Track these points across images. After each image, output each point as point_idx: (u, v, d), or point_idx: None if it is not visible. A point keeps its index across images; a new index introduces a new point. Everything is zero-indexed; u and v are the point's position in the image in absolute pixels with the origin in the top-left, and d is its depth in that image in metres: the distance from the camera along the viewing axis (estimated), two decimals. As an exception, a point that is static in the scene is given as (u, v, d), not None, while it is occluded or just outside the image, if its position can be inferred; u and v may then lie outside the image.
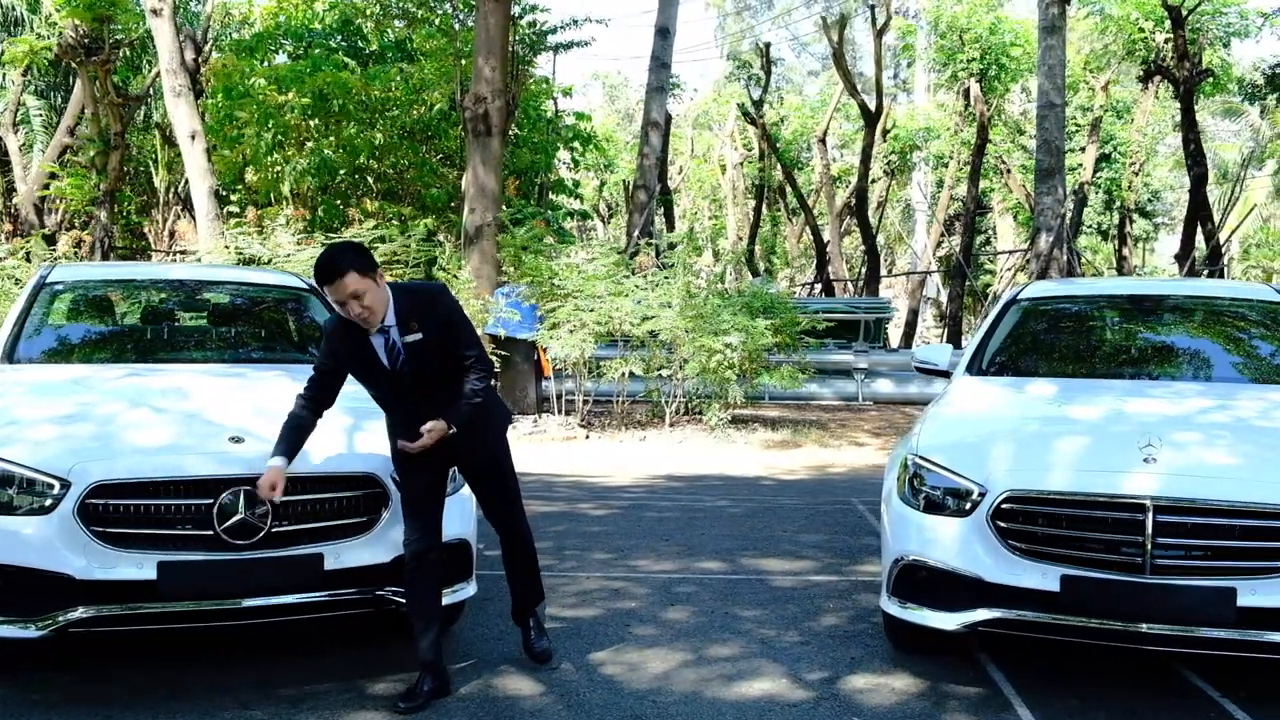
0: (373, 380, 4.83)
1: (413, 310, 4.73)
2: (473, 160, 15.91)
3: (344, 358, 4.80)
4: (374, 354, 4.72)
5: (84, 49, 21.57)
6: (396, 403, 4.85)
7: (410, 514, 4.88)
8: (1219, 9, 27.24)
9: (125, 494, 4.66)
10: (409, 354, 4.72)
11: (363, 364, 4.77)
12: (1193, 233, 24.23)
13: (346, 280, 4.56)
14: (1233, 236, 34.32)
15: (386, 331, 4.71)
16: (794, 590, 6.81)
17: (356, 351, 4.75)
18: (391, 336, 4.71)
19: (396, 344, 4.71)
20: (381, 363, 4.73)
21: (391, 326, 4.71)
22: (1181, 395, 5.76)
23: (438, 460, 4.86)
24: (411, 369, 4.74)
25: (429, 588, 4.92)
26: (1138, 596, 4.51)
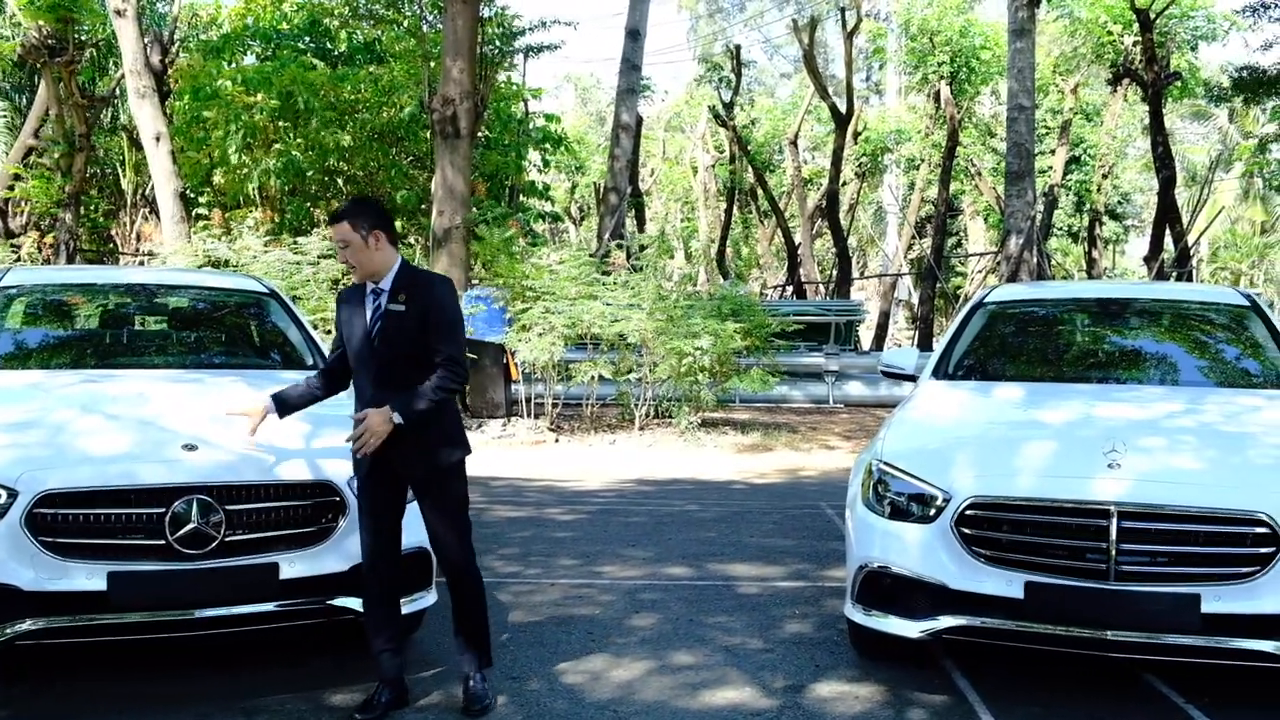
0: (351, 344, 4.77)
1: (409, 285, 4.73)
2: (441, 162, 15.81)
3: (344, 312, 4.84)
4: (362, 315, 4.74)
5: (48, 50, 21.37)
6: (362, 375, 4.75)
7: (367, 525, 4.76)
8: (1186, 12, 27.43)
9: (74, 503, 4.55)
10: (385, 320, 4.67)
11: (349, 324, 4.78)
12: (1161, 235, 24.35)
13: (339, 226, 4.70)
14: (1201, 238, 34.51)
15: (379, 295, 4.73)
16: (761, 596, 6.75)
17: (350, 310, 4.80)
18: (380, 300, 4.72)
19: (381, 307, 4.70)
20: (364, 325, 4.72)
21: (384, 292, 4.72)
22: (1147, 400, 5.74)
23: (397, 469, 4.74)
24: (381, 337, 4.67)
25: (386, 599, 4.83)
26: (1102, 603, 4.47)
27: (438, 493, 4.79)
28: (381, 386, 4.65)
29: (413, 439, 4.64)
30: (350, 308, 4.81)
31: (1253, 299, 6.84)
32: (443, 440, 4.78)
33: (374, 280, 4.73)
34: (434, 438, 4.73)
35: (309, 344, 6.78)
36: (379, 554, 4.76)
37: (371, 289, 4.74)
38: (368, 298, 4.74)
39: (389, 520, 4.79)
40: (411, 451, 4.67)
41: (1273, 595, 4.40)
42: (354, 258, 4.70)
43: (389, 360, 4.67)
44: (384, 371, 4.67)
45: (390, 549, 4.81)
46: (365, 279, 4.74)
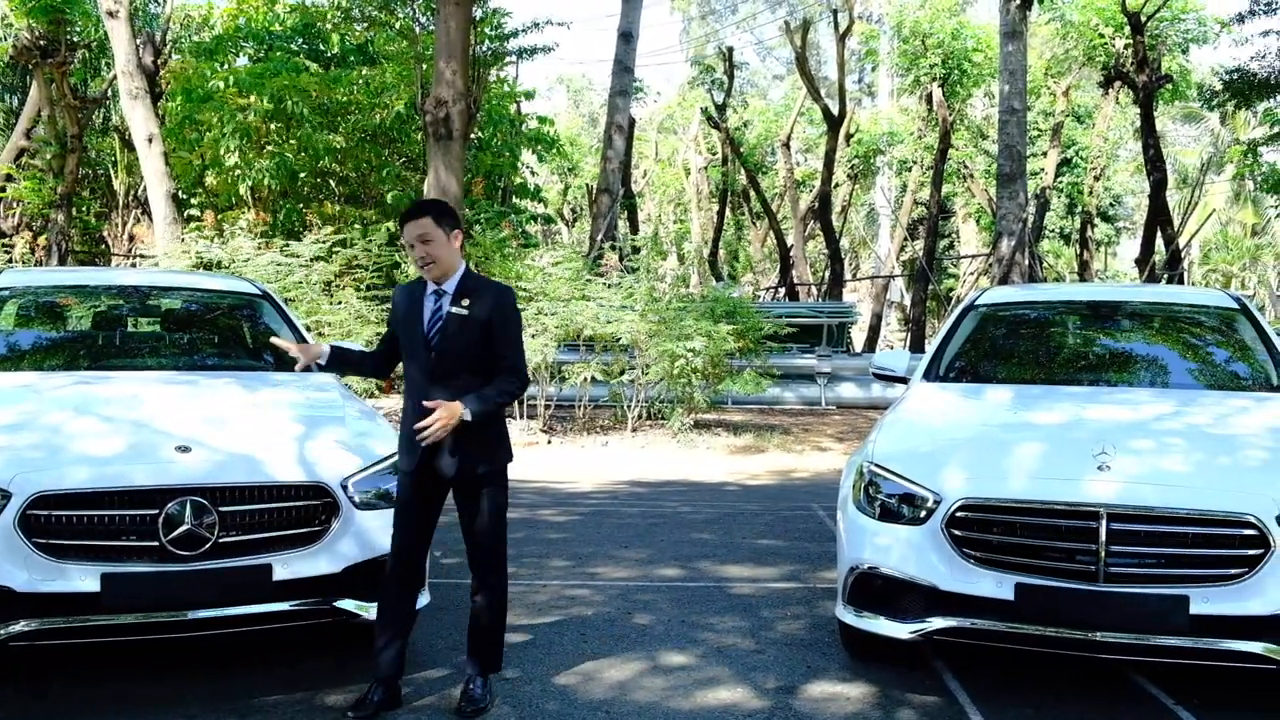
0: (408, 342, 4.80)
1: (475, 290, 4.77)
2: (434, 164, 15.81)
3: (399, 314, 4.84)
4: (420, 314, 4.76)
5: (40, 50, 21.37)
6: (415, 374, 4.77)
7: (400, 522, 4.80)
8: (1178, 16, 27.52)
9: (68, 505, 4.57)
10: (447, 322, 4.70)
11: (408, 322, 4.79)
12: (1153, 237, 24.43)
13: (421, 221, 4.69)
14: (1192, 241, 34.61)
15: (441, 296, 4.75)
16: (753, 598, 6.78)
17: (408, 308, 4.80)
18: (442, 301, 4.74)
19: (443, 309, 4.73)
20: (422, 323, 4.74)
21: (447, 294, 4.75)
22: (1137, 402, 5.77)
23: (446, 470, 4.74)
24: (442, 338, 4.71)
25: (403, 599, 4.84)
26: (1091, 605, 4.50)
27: (481, 496, 4.81)
28: (435, 383, 4.70)
29: (466, 440, 4.68)
30: (407, 303, 4.83)
31: (1242, 301, 6.87)
32: (495, 444, 4.83)
33: (439, 281, 4.75)
34: (489, 440, 4.79)
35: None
36: (406, 551, 4.80)
37: (433, 289, 4.76)
38: (428, 297, 4.77)
39: (422, 520, 4.83)
40: (465, 452, 4.71)
41: (1260, 597, 4.43)
42: (435, 253, 4.69)
43: (445, 359, 4.71)
44: (438, 369, 4.71)
45: (418, 549, 4.85)
46: (438, 278, 4.74)
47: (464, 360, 4.70)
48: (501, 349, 4.74)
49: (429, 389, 4.68)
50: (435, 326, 4.72)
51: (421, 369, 4.73)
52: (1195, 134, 48.12)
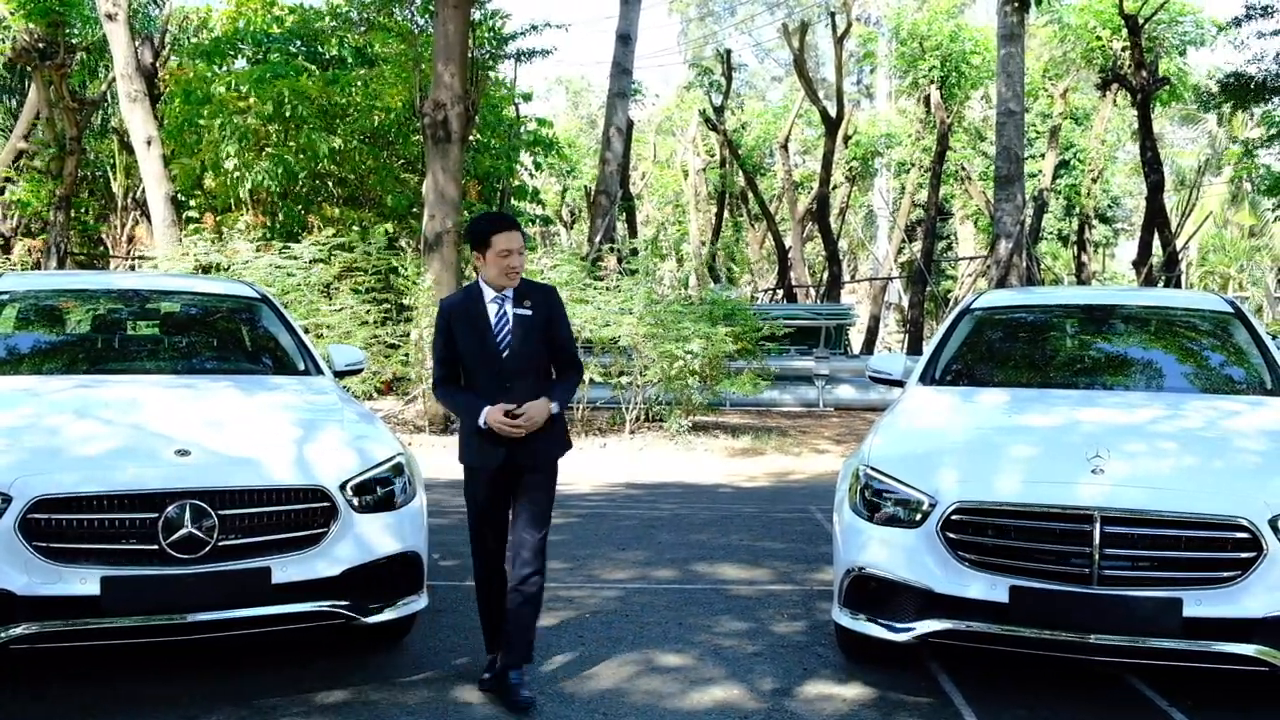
0: (474, 345, 4.98)
1: (531, 292, 5.07)
2: (432, 167, 15.83)
3: (457, 324, 5.01)
4: (486, 319, 4.98)
5: (39, 53, 21.38)
6: (487, 378, 4.96)
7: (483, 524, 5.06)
8: (1175, 18, 27.56)
9: (68, 509, 4.58)
10: (515, 323, 4.98)
11: (472, 328, 4.98)
12: (1150, 239, 24.47)
13: (517, 234, 5.00)
14: (1190, 242, 34.66)
15: (503, 301, 5.00)
16: (750, 599, 6.80)
17: (471, 317, 5.00)
18: (505, 306, 5.00)
19: (507, 313, 4.99)
20: (490, 327, 4.97)
21: (508, 297, 5.01)
22: (1131, 405, 5.80)
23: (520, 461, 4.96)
24: (512, 338, 4.96)
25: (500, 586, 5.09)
26: (1085, 608, 4.53)
27: (540, 485, 5.05)
28: (509, 383, 4.93)
29: (545, 430, 4.96)
30: (466, 312, 5.02)
31: (1236, 305, 6.90)
32: (562, 433, 5.16)
33: (501, 288, 4.99)
34: (557, 431, 5.10)
35: (300, 349, 6.82)
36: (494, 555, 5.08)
37: (494, 295, 5.00)
38: (489, 303, 5.00)
39: (503, 518, 5.09)
40: (538, 443, 4.97)
41: (1253, 599, 4.46)
42: (518, 263, 4.97)
43: (517, 360, 4.96)
44: (511, 370, 4.95)
45: (503, 545, 5.10)
46: (511, 285, 4.99)
47: (533, 359, 5.02)
48: (562, 344, 5.13)
49: (503, 389, 4.92)
50: (504, 329, 4.97)
51: (493, 371, 4.96)
52: (1193, 136, 48.21)
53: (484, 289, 5.02)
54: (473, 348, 4.99)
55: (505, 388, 4.92)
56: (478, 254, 4.97)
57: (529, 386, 4.96)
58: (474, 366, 5.01)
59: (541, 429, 4.92)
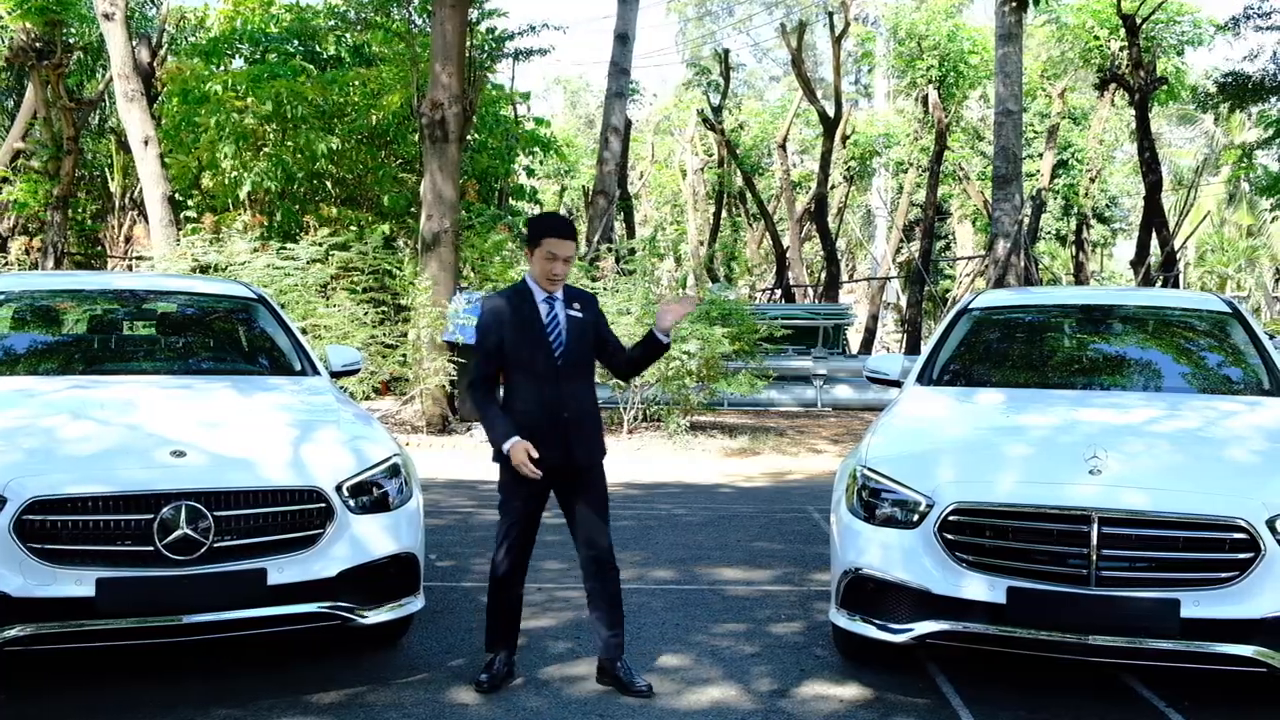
0: (526, 346, 5.01)
1: (578, 296, 5.20)
2: (430, 167, 15.82)
3: (506, 323, 5.02)
4: (538, 319, 5.04)
5: (35, 52, 21.36)
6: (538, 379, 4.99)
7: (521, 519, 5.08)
8: (1173, 18, 27.55)
9: (63, 510, 4.57)
10: (568, 325, 5.07)
11: (524, 328, 5.02)
12: (1148, 239, 24.47)
13: (573, 245, 5.09)
14: (1188, 242, 34.66)
15: (553, 303, 5.07)
16: (747, 600, 6.79)
17: (522, 317, 5.04)
18: (556, 308, 5.08)
19: (559, 315, 5.07)
20: (542, 328, 5.02)
21: (558, 299, 5.09)
22: (1129, 406, 5.79)
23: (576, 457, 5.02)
24: (567, 339, 5.04)
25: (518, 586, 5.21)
26: (1083, 608, 4.52)
27: (596, 481, 5.15)
28: (562, 382, 5.01)
29: (593, 429, 5.10)
30: (513, 313, 5.04)
31: (1234, 305, 6.89)
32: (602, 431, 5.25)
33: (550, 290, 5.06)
34: (601, 429, 5.22)
35: (297, 349, 6.80)
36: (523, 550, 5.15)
37: (544, 296, 5.06)
38: (539, 305, 5.05)
39: (538, 517, 5.16)
40: (593, 440, 5.10)
41: (1251, 600, 4.46)
42: (561, 271, 5.04)
43: (570, 359, 5.04)
44: (565, 369, 5.02)
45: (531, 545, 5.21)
46: (552, 290, 5.06)
47: (585, 358, 5.13)
48: (615, 341, 5.32)
49: (555, 390, 4.99)
50: (557, 330, 5.03)
51: (544, 371, 5.00)
52: (1190, 136, 48.20)
53: (533, 288, 5.08)
54: (524, 348, 5.01)
55: (557, 389, 4.98)
56: (528, 250, 5.07)
57: (579, 388, 5.06)
58: (523, 367, 5.02)
59: (588, 430, 5.04)
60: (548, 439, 4.93)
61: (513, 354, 5.01)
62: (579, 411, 5.03)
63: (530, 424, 4.95)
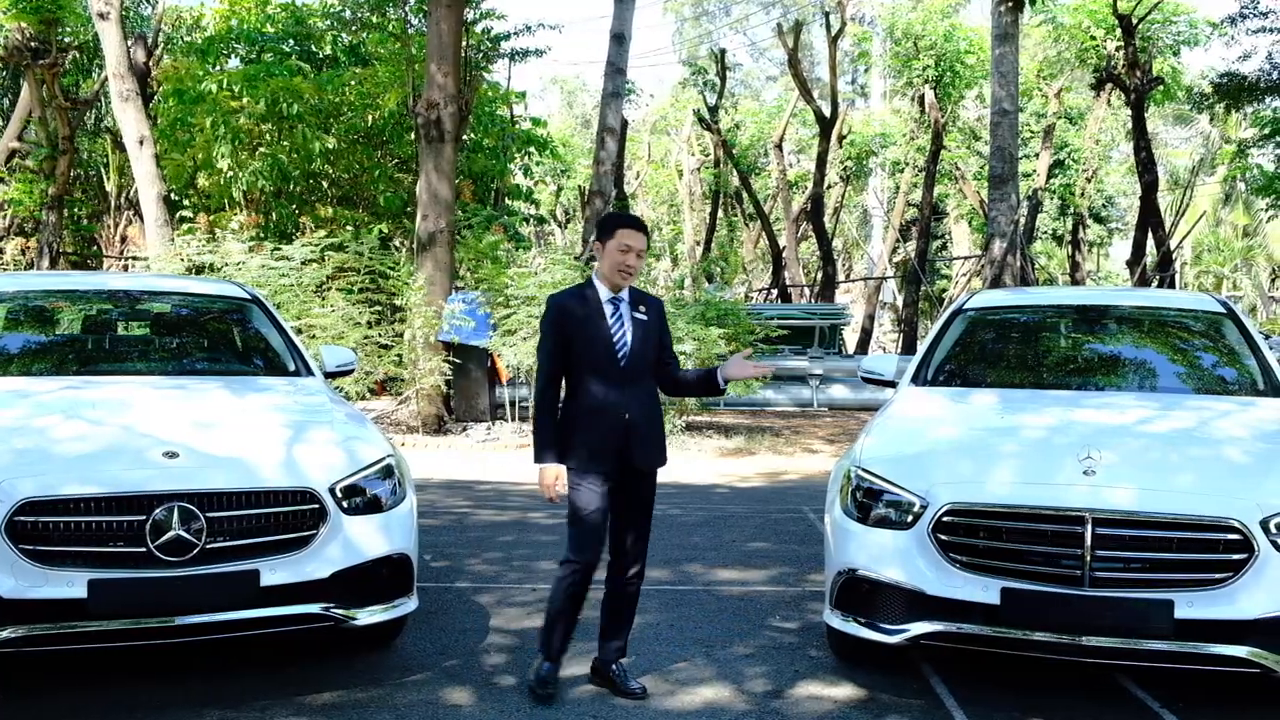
0: (592, 347, 4.96)
1: (645, 299, 5.15)
2: (425, 167, 15.82)
3: (572, 323, 4.97)
4: (604, 319, 4.98)
5: (31, 52, 21.32)
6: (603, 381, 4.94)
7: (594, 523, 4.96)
8: (1169, 18, 27.58)
9: (55, 511, 4.56)
10: (634, 326, 5.02)
11: (589, 328, 4.97)
12: (1144, 239, 24.50)
13: (645, 239, 5.07)
14: (1184, 242, 34.68)
15: (618, 304, 5.03)
16: (742, 600, 6.79)
17: (587, 316, 4.98)
18: (622, 309, 5.03)
19: (624, 315, 5.02)
20: (607, 328, 4.97)
21: (624, 300, 5.04)
22: (1123, 406, 5.79)
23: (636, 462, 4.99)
24: (633, 340, 4.99)
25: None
26: (1077, 609, 4.52)
27: (649, 488, 5.12)
28: (628, 384, 4.97)
29: (652, 430, 5.06)
30: (582, 313, 4.99)
31: (1228, 305, 6.88)
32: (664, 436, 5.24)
33: (615, 289, 5.02)
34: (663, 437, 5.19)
35: (291, 350, 6.79)
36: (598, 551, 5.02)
37: (610, 297, 5.02)
38: (605, 305, 5.00)
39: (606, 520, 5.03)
40: (658, 443, 5.10)
41: (1244, 601, 4.45)
42: (635, 265, 5.01)
43: (634, 361, 5.00)
44: (630, 371, 4.98)
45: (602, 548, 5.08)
46: (623, 286, 5.04)
47: (649, 361, 5.07)
48: (669, 347, 5.26)
49: (619, 393, 4.94)
50: (621, 331, 4.99)
51: (610, 373, 4.95)
52: (1186, 135, 48.19)
53: (599, 288, 5.03)
54: (590, 349, 4.96)
55: (621, 391, 4.95)
56: (598, 244, 5.03)
57: (642, 391, 5.03)
58: (588, 369, 4.96)
59: (648, 433, 5.01)
60: (608, 441, 4.91)
61: (577, 353, 4.96)
62: (640, 415, 4.99)
63: (592, 425, 4.92)
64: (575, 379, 5.00)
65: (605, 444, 4.91)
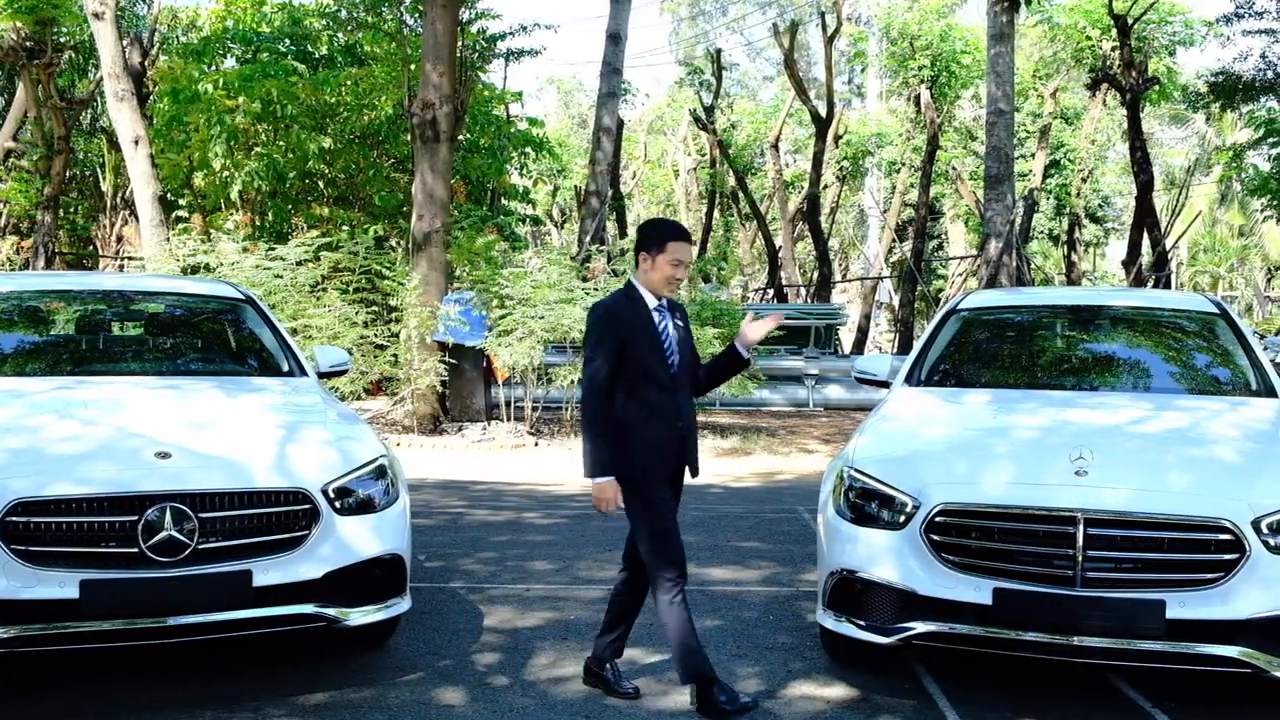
0: (649, 355, 4.89)
1: (675, 307, 5.12)
2: (421, 167, 15.81)
3: (629, 330, 4.87)
4: (651, 328, 4.93)
5: (26, 51, 21.30)
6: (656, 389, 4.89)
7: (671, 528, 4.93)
8: (1164, 18, 27.59)
9: (47, 511, 4.56)
10: (677, 336, 5.02)
11: (646, 334, 4.91)
12: (1139, 239, 24.51)
13: (692, 247, 5.03)
14: (1180, 242, 34.70)
15: (663, 312, 5.00)
16: (735, 600, 6.79)
17: (642, 323, 4.92)
18: (665, 317, 5.00)
19: (667, 324, 5.00)
20: (657, 337, 4.93)
21: (665, 309, 5.01)
22: (1116, 406, 5.79)
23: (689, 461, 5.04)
24: (679, 349, 5.00)
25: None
26: (1068, 609, 4.52)
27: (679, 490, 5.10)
28: (677, 392, 4.95)
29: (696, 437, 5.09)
30: (634, 320, 4.91)
31: (1222, 306, 6.89)
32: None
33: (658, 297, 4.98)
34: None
35: (284, 349, 6.79)
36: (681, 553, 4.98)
37: (655, 305, 4.97)
38: (653, 313, 4.95)
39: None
40: (696, 448, 5.09)
41: (1236, 601, 4.46)
42: (683, 276, 5.00)
43: (681, 368, 4.99)
44: (679, 379, 4.97)
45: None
46: (669, 294, 5.01)
47: (688, 368, 5.06)
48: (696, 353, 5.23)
49: (671, 401, 4.92)
50: (668, 339, 4.97)
51: (664, 381, 4.91)
52: (1182, 135, 48.27)
53: (645, 296, 4.95)
54: (646, 357, 4.87)
55: (674, 399, 4.93)
56: (645, 255, 4.92)
57: (688, 398, 5.04)
58: (643, 377, 4.86)
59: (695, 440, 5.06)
60: (669, 450, 4.90)
61: (633, 362, 4.85)
62: (690, 422, 5.01)
63: (653, 435, 4.84)
64: (628, 388, 4.85)
65: (668, 453, 4.90)
